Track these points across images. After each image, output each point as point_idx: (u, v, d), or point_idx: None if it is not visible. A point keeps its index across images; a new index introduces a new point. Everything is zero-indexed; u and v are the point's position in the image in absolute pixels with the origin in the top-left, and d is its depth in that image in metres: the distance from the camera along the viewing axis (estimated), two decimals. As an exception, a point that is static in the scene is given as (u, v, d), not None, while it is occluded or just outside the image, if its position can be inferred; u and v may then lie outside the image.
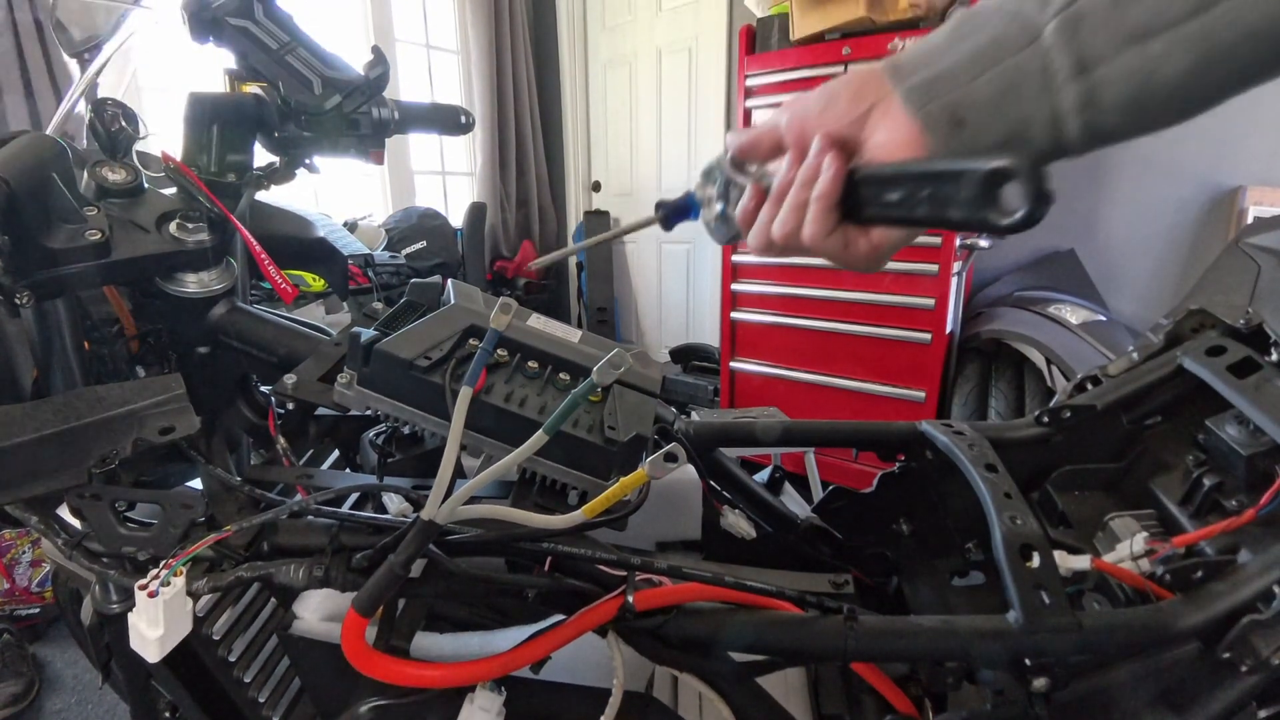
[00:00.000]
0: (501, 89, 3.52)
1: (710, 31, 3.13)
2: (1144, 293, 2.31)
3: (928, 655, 0.46)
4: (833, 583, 0.54)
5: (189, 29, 0.63)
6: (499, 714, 0.49)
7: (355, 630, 0.44)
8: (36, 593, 1.80)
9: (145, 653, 0.44)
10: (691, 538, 0.75)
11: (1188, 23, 0.32)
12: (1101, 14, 0.34)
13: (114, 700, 1.60)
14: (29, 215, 0.50)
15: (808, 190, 0.41)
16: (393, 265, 2.81)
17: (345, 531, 0.50)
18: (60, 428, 0.49)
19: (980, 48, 0.37)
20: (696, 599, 0.49)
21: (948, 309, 2.05)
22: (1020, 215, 0.33)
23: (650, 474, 0.45)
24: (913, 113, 0.39)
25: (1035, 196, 0.32)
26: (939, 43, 0.39)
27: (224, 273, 0.64)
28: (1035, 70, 0.36)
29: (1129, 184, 2.26)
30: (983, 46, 0.37)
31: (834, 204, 0.41)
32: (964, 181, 0.35)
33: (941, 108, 0.38)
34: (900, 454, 0.66)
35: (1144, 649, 0.44)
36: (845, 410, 2.26)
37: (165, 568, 0.44)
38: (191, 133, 0.64)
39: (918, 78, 0.39)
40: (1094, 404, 0.62)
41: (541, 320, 0.61)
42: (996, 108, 0.37)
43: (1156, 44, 0.33)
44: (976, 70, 0.37)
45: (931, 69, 0.39)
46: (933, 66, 0.39)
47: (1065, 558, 0.46)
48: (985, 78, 0.37)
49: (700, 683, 0.51)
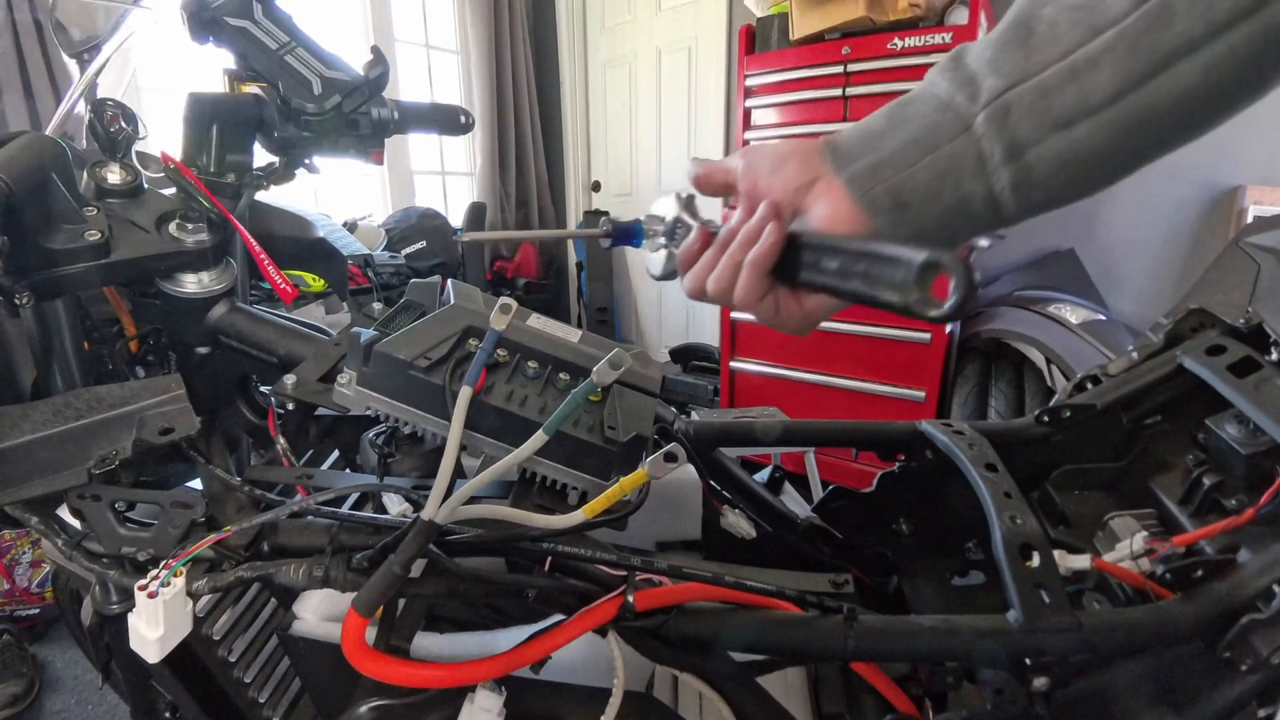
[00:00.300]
0: (501, 89, 3.52)
1: (710, 31, 3.13)
2: (1144, 292, 2.32)
3: (928, 655, 0.46)
4: (833, 582, 0.54)
5: (188, 29, 0.63)
6: (499, 714, 0.49)
7: (355, 630, 0.44)
8: (36, 593, 1.80)
9: (145, 653, 0.44)
10: (691, 537, 0.75)
11: (1108, 109, 0.35)
12: (1027, 104, 0.36)
13: (114, 701, 1.60)
14: (29, 216, 0.50)
15: (745, 252, 0.43)
16: (392, 265, 2.81)
17: (345, 532, 0.50)
18: (60, 428, 0.49)
19: (917, 135, 0.39)
20: (697, 599, 0.49)
21: (948, 308, 2.04)
22: (948, 307, 0.35)
23: (650, 474, 0.45)
24: (856, 196, 0.41)
25: (963, 289, 0.34)
26: (876, 129, 0.42)
27: (223, 273, 0.64)
28: (970, 156, 0.38)
29: (1129, 184, 2.18)
30: (919, 134, 0.39)
31: (767, 271, 0.43)
32: (899, 267, 0.37)
33: (884, 191, 0.40)
34: (900, 454, 0.66)
35: (1144, 648, 0.45)
36: (845, 410, 2.26)
37: (165, 568, 0.44)
38: (191, 133, 0.64)
39: (861, 164, 0.41)
40: (1094, 403, 0.62)
41: (541, 320, 0.61)
42: (937, 191, 0.39)
43: (1081, 128, 0.35)
44: (915, 156, 0.39)
45: (873, 155, 0.41)
46: (874, 153, 0.41)
47: (1065, 557, 0.46)
48: (924, 163, 0.39)
49: (700, 682, 0.51)
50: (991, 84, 0.37)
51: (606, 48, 3.63)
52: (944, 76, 0.40)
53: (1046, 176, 0.37)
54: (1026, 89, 0.36)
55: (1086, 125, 0.35)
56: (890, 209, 0.40)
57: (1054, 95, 0.35)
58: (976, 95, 0.37)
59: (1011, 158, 0.37)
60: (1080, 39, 0.34)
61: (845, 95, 2.11)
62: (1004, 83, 0.36)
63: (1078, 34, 0.35)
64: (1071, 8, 0.35)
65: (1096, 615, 0.43)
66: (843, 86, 2.10)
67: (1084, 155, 0.36)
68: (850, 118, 2.11)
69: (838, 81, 2.11)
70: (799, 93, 2.21)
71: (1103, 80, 0.34)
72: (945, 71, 0.40)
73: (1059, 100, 0.35)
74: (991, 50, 0.38)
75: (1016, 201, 0.38)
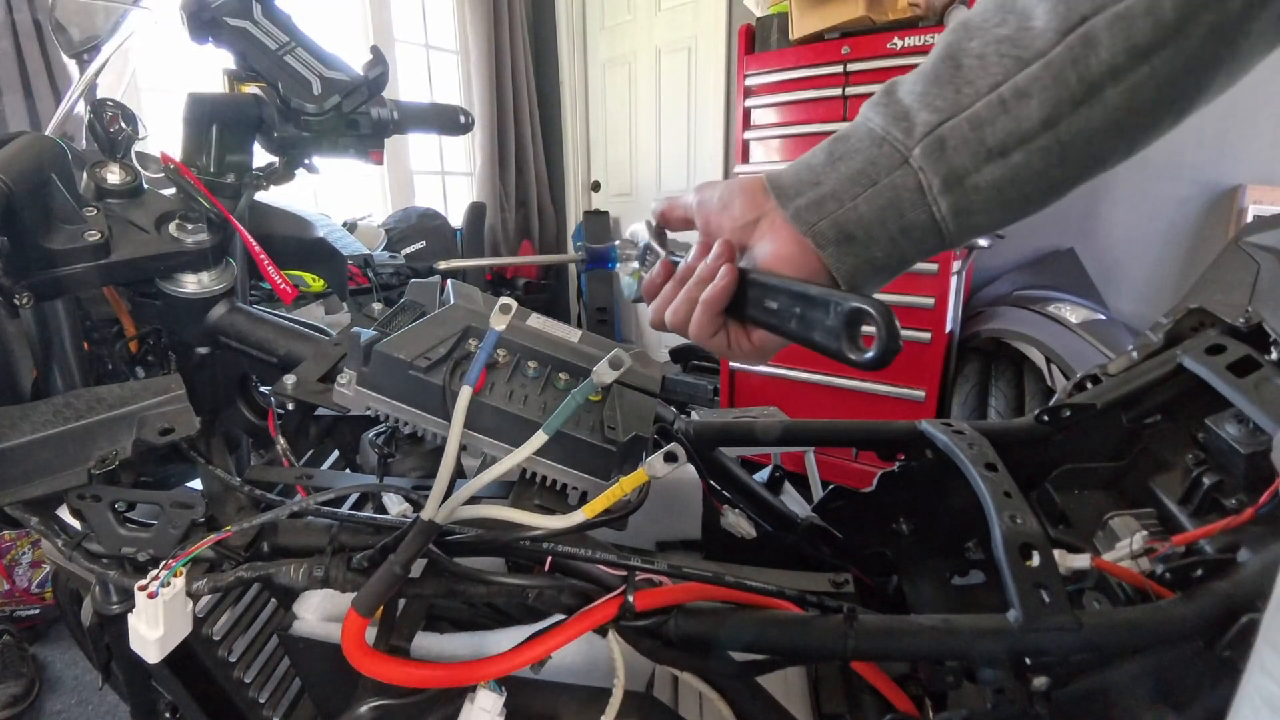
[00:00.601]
0: (501, 89, 3.52)
1: (709, 31, 3.13)
2: (1143, 292, 2.32)
3: (928, 654, 0.46)
4: (833, 582, 0.54)
5: (188, 29, 0.63)
6: (500, 714, 0.49)
7: (355, 630, 0.44)
8: (36, 594, 1.80)
9: (145, 654, 0.44)
10: (691, 537, 0.75)
11: (1040, 136, 0.36)
12: (961, 136, 0.37)
13: (114, 701, 1.60)
14: (28, 216, 0.50)
15: (700, 290, 0.45)
16: (392, 265, 2.81)
17: (345, 532, 0.50)
18: (60, 428, 0.49)
19: (857, 170, 0.40)
20: (697, 599, 0.49)
21: (947, 308, 2.05)
22: (869, 357, 0.36)
23: (650, 474, 0.45)
24: (802, 231, 0.42)
25: (887, 340, 0.36)
26: (817, 164, 0.43)
27: (223, 273, 0.64)
28: (911, 187, 0.39)
29: (1128, 183, 2.26)
30: (859, 168, 0.40)
31: (719, 310, 0.44)
32: (830, 311, 0.38)
33: (829, 225, 0.41)
34: (900, 453, 0.66)
35: (1144, 647, 0.44)
36: (845, 410, 2.26)
37: (165, 568, 0.44)
38: (190, 133, 0.64)
39: (803, 200, 0.42)
40: (1094, 403, 0.62)
41: (541, 320, 0.61)
42: (881, 221, 0.40)
43: (1016, 156, 0.37)
44: (856, 190, 0.40)
45: (814, 191, 0.42)
46: (815, 188, 0.42)
47: (1065, 556, 0.46)
48: (864, 196, 0.40)
49: (701, 682, 0.51)
50: (925, 118, 0.38)
51: (606, 47, 3.63)
52: (877, 112, 0.41)
53: (986, 202, 0.38)
54: (960, 121, 0.37)
55: (1021, 153, 0.36)
56: (836, 240, 0.41)
57: (986, 126, 0.36)
58: (911, 130, 0.38)
59: (949, 188, 0.38)
60: (1008, 70, 0.36)
61: (845, 95, 2.11)
62: (936, 118, 0.38)
63: (1005, 65, 0.36)
64: (998, 40, 0.36)
65: (1096, 615, 0.43)
66: (842, 86, 2.10)
67: (1020, 180, 0.37)
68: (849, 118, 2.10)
69: (837, 81, 2.11)
70: (798, 92, 2.21)
71: (1033, 109, 0.35)
72: (879, 106, 0.41)
73: (991, 131, 0.36)
74: (923, 84, 0.39)
75: (957, 226, 0.39)
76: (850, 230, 0.41)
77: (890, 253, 0.41)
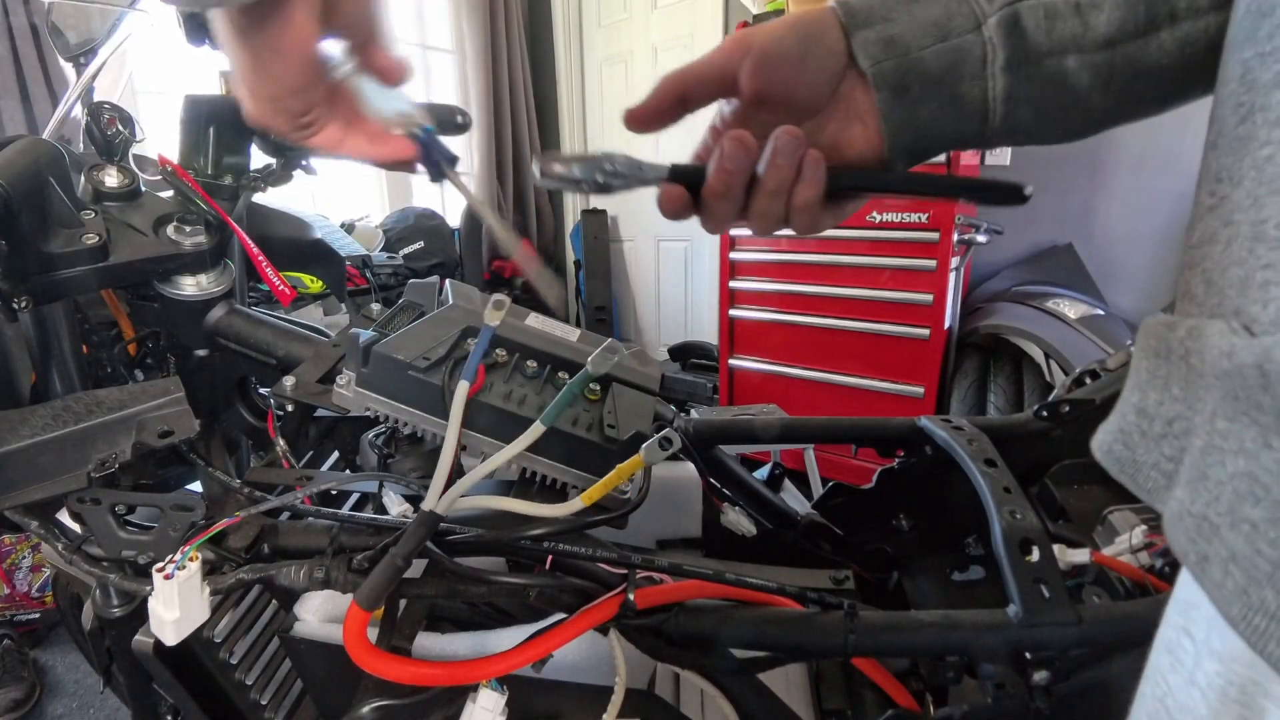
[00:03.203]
0: (498, 88, 3.51)
1: (706, 28, 3.13)
2: (1142, 286, 2.32)
3: (928, 650, 0.46)
4: (833, 579, 0.54)
5: (184, 32, 0.62)
6: (501, 713, 0.49)
7: (357, 626, 0.44)
8: (37, 598, 1.80)
9: (163, 636, 0.44)
10: (692, 535, 0.75)
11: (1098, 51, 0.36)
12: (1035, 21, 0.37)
13: (115, 705, 1.60)
14: (26, 220, 0.50)
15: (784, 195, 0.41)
16: (390, 266, 2.81)
17: (345, 533, 0.50)
18: (59, 432, 0.49)
19: (934, 18, 0.39)
20: (697, 596, 0.49)
21: (946, 304, 2.05)
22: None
23: (646, 459, 0.45)
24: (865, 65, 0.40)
25: None
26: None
27: (221, 275, 0.64)
28: (977, 56, 0.38)
29: (1127, 177, 2.26)
30: (934, 18, 0.39)
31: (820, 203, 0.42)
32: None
33: (893, 69, 0.40)
34: (899, 450, 0.66)
35: (1144, 641, 0.44)
36: (844, 406, 2.26)
37: (181, 551, 0.44)
38: (188, 135, 0.64)
39: (872, 32, 0.40)
40: (1093, 398, 0.62)
41: (539, 319, 0.61)
42: (939, 82, 0.39)
43: (1070, 60, 0.37)
44: (926, 41, 0.39)
45: (885, 26, 0.40)
46: (887, 24, 0.40)
47: (1065, 551, 0.46)
48: (934, 49, 0.39)
49: (702, 679, 0.51)
50: None
51: (603, 45, 3.63)
52: None
53: (1033, 99, 0.38)
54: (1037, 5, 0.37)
55: (1075, 60, 0.37)
56: (893, 87, 0.40)
57: (1057, 20, 0.37)
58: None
59: (1010, 67, 0.38)
60: None
61: (842, 92, 2.10)
62: None
63: None
64: None
65: (1096, 609, 0.43)
66: (839, 83, 2.10)
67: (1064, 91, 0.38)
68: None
69: (834, 78, 2.11)
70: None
71: (1100, 22, 0.36)
72: None
73: (1060, 26, 0.37)
74: None
75: (1002, 115, 0.39)
76: (908, 82, 0.39)
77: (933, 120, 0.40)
